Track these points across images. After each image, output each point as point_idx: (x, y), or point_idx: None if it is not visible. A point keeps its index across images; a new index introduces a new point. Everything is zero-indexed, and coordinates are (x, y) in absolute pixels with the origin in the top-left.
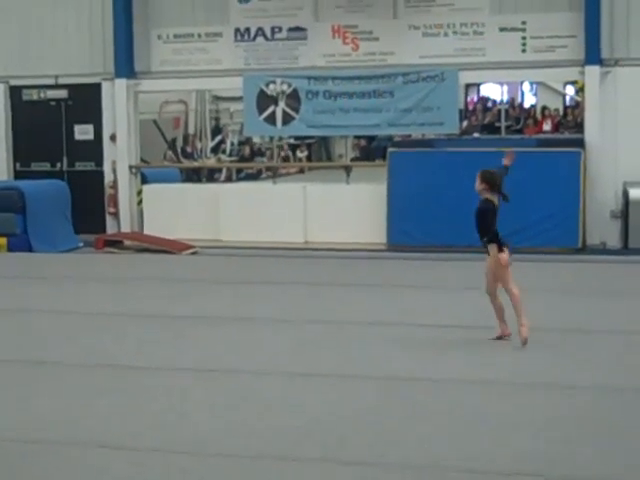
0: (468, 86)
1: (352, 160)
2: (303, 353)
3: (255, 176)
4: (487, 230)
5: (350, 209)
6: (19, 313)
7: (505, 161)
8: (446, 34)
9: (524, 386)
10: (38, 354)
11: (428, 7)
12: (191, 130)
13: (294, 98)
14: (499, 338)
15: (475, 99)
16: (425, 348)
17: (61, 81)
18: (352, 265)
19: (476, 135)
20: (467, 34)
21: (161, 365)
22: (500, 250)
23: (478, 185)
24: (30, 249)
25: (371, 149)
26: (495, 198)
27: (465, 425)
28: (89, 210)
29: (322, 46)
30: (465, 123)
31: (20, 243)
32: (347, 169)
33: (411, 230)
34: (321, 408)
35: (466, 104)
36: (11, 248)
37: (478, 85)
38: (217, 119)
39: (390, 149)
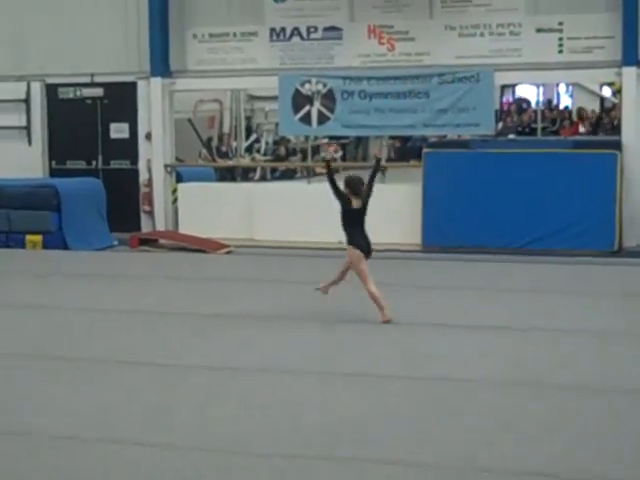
0: (503, 87)
1: (387, 161)
2: (335, 353)
3: (289, 176)
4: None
5: (385, 209)
6: (54, 310)
7: (376, 151)
8: (482, 34)
9: (558, 387)
10: (73, 351)
11: (464, 7)
12: (226, 129)
13: (329, 98)
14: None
15: (510, 100)
16: (460, 349)
17: (97, 79)
18: (386, 266)
19: (511, 136)
20: (503, 35)
21: (195, 363)
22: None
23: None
24: (65, 247)
25: (406, 150)
26: (355, 201)
27: (499, 425)
28: (124, 208)
29: (358, 46)
30: (500, 124)
31: (55, 241)
32: (382, 169)
33: (446, 231)
34: (353, 407)
35: (501, 105)
36: (46, 245)
37: (513, 86)
38: (251, 118)
39: (425, 150)
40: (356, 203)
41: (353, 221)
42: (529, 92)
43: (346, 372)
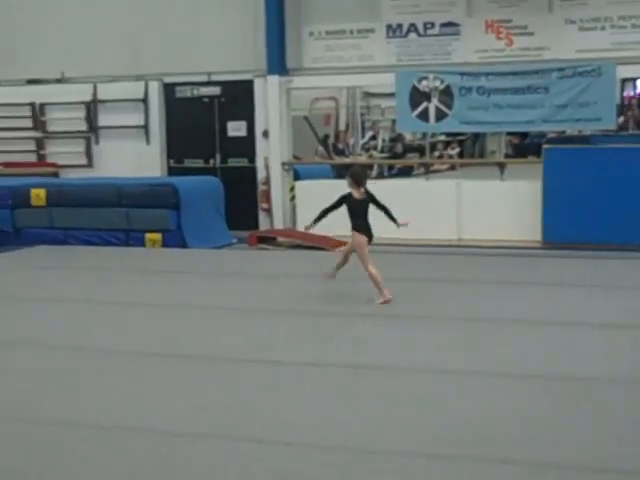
0: (624, 81)
1: (505, 157)
2: (455, 351)
3: (406, 172)
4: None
5: (504, 206)
6: (172, 308)
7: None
8: (603, 28)
9: None
10: (186, 348)
11: (584, 1)
12: (342, 127)
13: (447, 94)
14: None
15: (632, 94)
16: (581, 347)
17: (214, 78)
18: (506, 263)
19: (633, 131)
20: (625, 27)
21: (311, 361)
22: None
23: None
24: (184, 245)
25: (524, 146)
26: (356, 192)
27: (634, 426)
28: (242, 206)
29: (475, 42)
30: (621, 119)
31: (174, 239)
32: (501, 166)
33: (566, 227)
34: (476, 407)
35: (622, 99)
36: (166, 244)
37: (634, 80)
38: (365, 115)
39: (545, 146)
40: (358, 194)
41: (357, 210)
42: None
43: (472, 370)
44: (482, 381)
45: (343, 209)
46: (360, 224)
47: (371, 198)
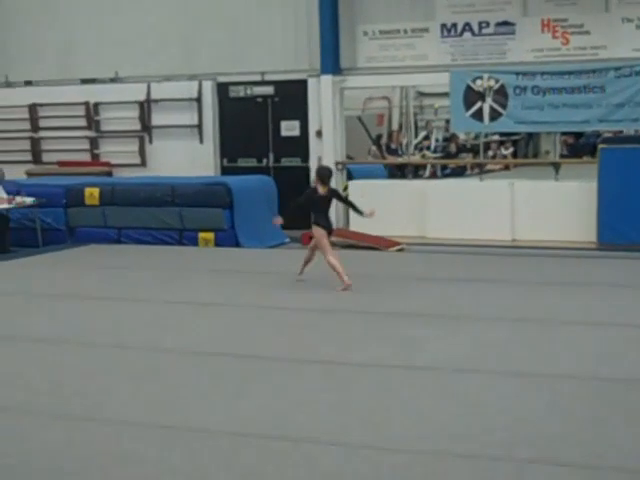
0: None
1: (560, 157)
2: (509, 351)
3: (460, 173)
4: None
5: (559, 207)
6: (229, 308)
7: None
8: None
9: None
10: (248, 349)
11: None
12: (395, 126)
13: (501, 94)
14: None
15: None
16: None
17: (267, 78)
18: (561, 264)
19: None
20: None
21: (367, 361)
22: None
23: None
24: (237, 244)
25: (579, 145)
26: (321, 188)
27: None
28: None
29: (531, 41)
30: None
31: (228, 238)
32: (556, 166)
33: (623, 228)
34: (530, 407)
35: None
36: (219, 243)
37: None
38: (419, 115)
39: (601, 146)
40: (322, 190)
41: (318, 205)
42: None
43: (521, 371)
44: (518, 382)
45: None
46: (321, 218)
47: (335, 194)
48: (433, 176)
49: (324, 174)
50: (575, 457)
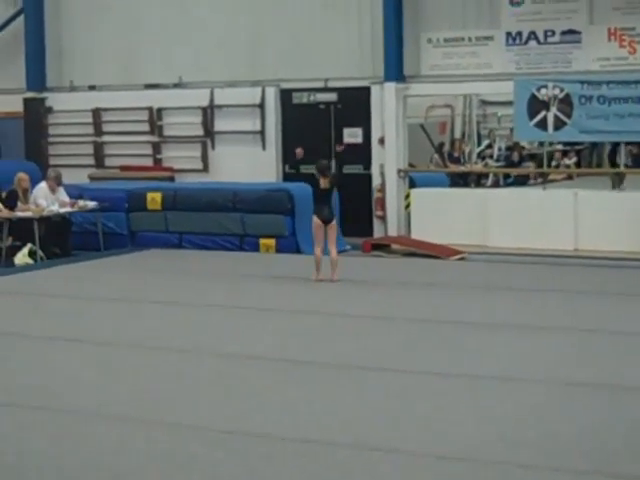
0: None
1: (625, 167)
2: (572, 362)
3: (522, 182)
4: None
5: (623, 217)
6: (289, 314)
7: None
8: None
9: None
10: (300, 354)
11: None
12: (457, 134)
13: (566, 103)
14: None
15: None
16: None
17: (330, 84)
18: (625, 274)
19: None
20: None
21: (426, 369)
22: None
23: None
24: (298, 251)
25: None
26: (322, 181)
27: None
28: (357, 213)
29: (597, 50)
30: None
31: (288, 244)
32: (620, 176)
33: None
34: (592, 418)
35: None
36: (280, 249)
37: None
38: (482, 123)
39: None
40: (323, 183)
41: (320, 197)
42: None
43: (579, 381)
44: (576, 392)
45: None
46: (322, 209)
47: (336, 184)
48: (495, 185)
49: (324, 166)
50: (636, 471)
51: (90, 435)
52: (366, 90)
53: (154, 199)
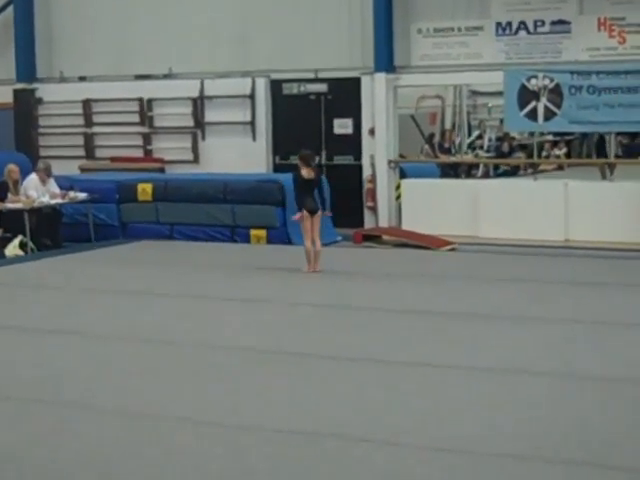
0: None
1: (615, 157)
2: (563, 353)
3: (513, 172)
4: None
5: (613, 207)
6: (282, 305)
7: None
8: None
9: None
10: (292, 346)
11: None
12: (447, 125)
13: (556, 93)
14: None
15: None
16: None
17: (321, 75)
18: (615, 264)
19: None
20: None
21: (419, 360)
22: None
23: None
24: (289, 242)
25: (634, 146)
26: (305, 171)
27: None
28: (347, 204)
29: (586, 40)
30: None
31: (279, 235)
32: (611, 166)
33: None
34: (587, 409)
35: None
36: (270, 240)
37: None
38: (472, 113)
39: None
40: (307, 174)
41: (304, 188)
42: None
43: (573, 372)
44: (573, 384)
45: None
46: (305, 201)
47: (319, 177)
48: (486, 175)
49: (307, 156)
50: (632, 462)
51: (83, 428)
52: (356, 81)
53: (145, 190)
